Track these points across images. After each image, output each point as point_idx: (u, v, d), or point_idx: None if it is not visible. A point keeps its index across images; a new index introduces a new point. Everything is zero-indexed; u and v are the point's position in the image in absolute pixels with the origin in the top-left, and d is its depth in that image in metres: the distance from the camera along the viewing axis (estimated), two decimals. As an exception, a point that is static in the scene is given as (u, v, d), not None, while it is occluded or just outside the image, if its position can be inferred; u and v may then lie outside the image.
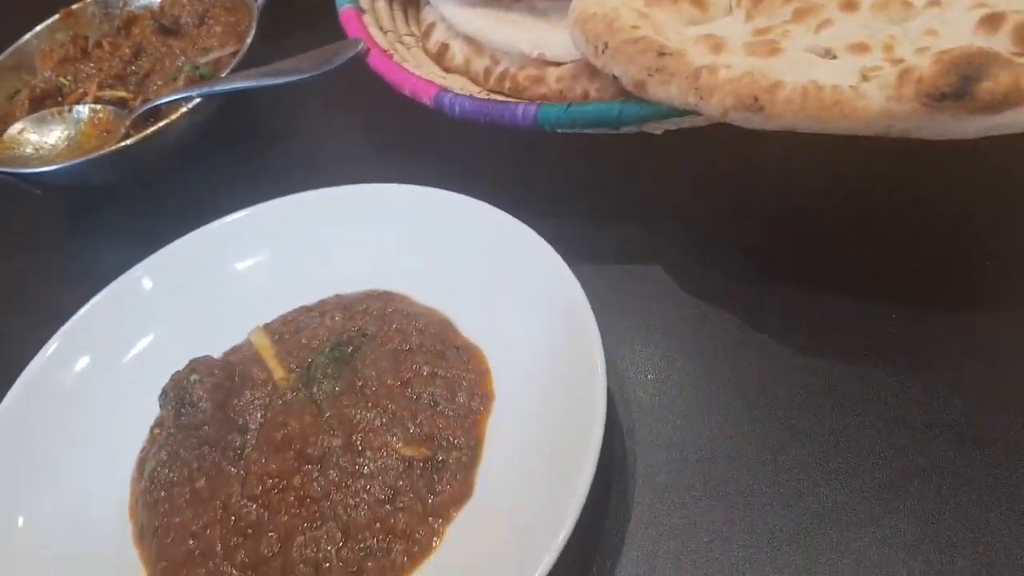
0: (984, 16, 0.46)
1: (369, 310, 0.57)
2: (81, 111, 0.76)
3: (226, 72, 0.73)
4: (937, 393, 0.48)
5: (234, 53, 0.76)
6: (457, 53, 0.70)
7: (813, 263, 0.56)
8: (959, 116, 0.42)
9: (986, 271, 0.53)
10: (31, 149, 0.75)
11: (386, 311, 0.57)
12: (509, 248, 0.55)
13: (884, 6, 0.50)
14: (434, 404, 0.51)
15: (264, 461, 0.49)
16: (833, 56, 0.49)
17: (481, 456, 0.49)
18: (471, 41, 0.69)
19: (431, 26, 0.73)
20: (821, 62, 0.48)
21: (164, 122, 0.69)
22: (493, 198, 0.57)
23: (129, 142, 0.68)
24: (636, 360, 0.54)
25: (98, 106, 0.77)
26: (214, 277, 0.62)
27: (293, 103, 0.80)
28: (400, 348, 0.54)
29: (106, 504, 0.53)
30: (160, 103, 0.72)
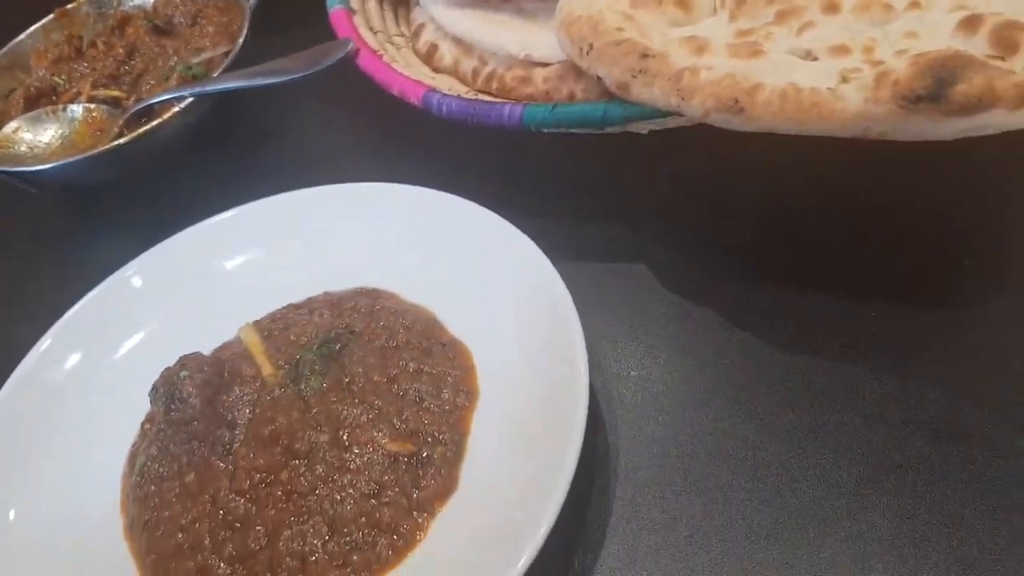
0: (963, 19, 0.47)
1: (357, 307, 0.58)
2: (75, 110, 0.77)
3: (218, 72, 0.73)
4: (914, 390, 0.49)
5: (226, 53, 0.76)
6: (446, 54, 0.70)
7: (795, 262, 0.56)
8: (934, 118, 0.43)
9: (964, 270, 0.53)
10: (25, 148, 0.75)
11: (374, 308, 0.57)
12: (495, 246, 0.56)
13: (865, 8, 0.51)
14: (420, 400, 0.51)
15: (252, 456, 0.50)
16: (814, 58, 0.49)
17: (465, 451, 0.49)
18: (460, 42, 0.69)
19: (421, 27, 0.74)
20: (802, 64, 0.49)
21: (157, 121, 0.69)
22: (480, 197, 0.58)
23: (122, 141, 0.68)
24: (619, 357, 0.54)
25: (92, 105, 0.77)
26: (205, 275, 0.63)
27: (284, 102, 0.81)
28: (387, 345, 0.54)
29: (98, 499, 0.53)
30: (153, 102, 0.73)
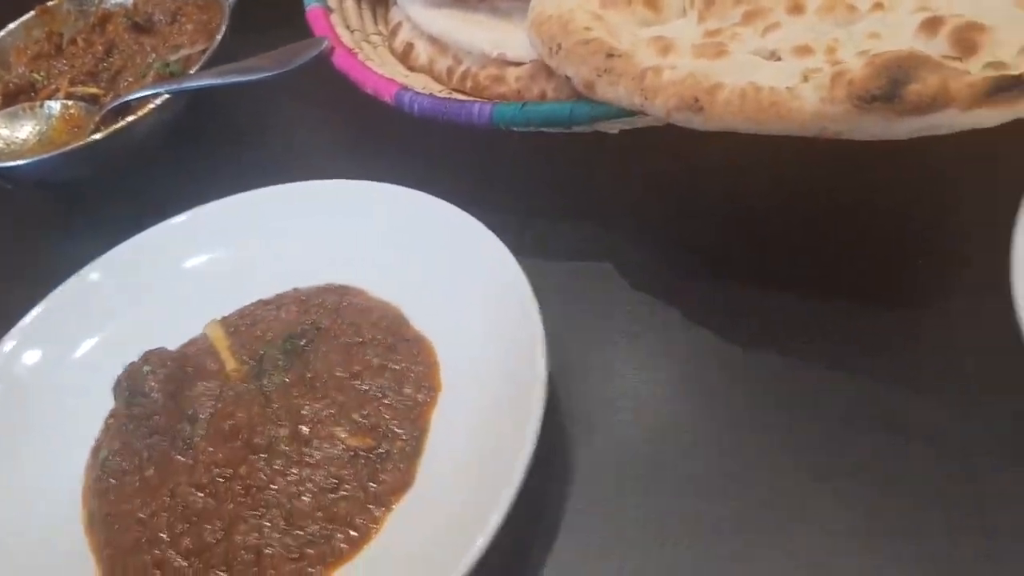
0: (925, 20, 0.47)
1: (324, 304, 0.58)
2: (52, 107, 0.77)
3: (194, 69, 0.73)
4: (878, 386, 0.48)
5: (204, 51, 0.76)
6: (421, 53, 0.71)
7: (759, 261, 0.56)
8: (889, 118, 0.43)
9: (921, 269, 0.53)
10: (2, 144, 0.75)
11: (340, 305, 0.57)
12: (463, 244, 0.56)
13: (830, 9, 0.51)
14: (382, 395, 0.51)
15: (212, 450, 0.50)
16: (778, 58, 0.49)
17: (424, 446, 0.49)
18: (435, 41, 0.69)
19: (398, 26, 0.74)
20: (765, 64, 0.49)
21: (132, 118, 0.69)
22: (453, 195, 0.58)
23: (97, 137, 0.69)
24: (585, 353, 0.54)
25: (70, 102, 0.77)
26: (173, 273, 0.63)
27: (260, 100, 0.81)
28: (352, 341, 0.55)
29: (61, 493, 0.53)
30: (129, 99, 0.73)
